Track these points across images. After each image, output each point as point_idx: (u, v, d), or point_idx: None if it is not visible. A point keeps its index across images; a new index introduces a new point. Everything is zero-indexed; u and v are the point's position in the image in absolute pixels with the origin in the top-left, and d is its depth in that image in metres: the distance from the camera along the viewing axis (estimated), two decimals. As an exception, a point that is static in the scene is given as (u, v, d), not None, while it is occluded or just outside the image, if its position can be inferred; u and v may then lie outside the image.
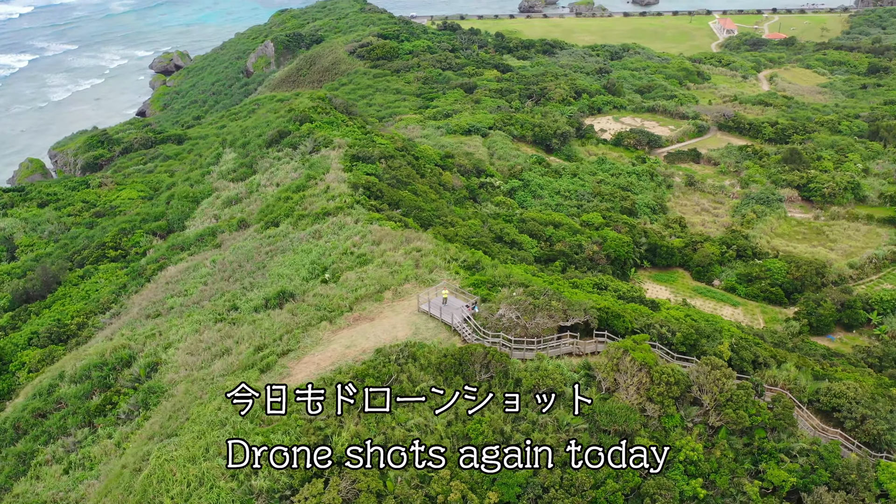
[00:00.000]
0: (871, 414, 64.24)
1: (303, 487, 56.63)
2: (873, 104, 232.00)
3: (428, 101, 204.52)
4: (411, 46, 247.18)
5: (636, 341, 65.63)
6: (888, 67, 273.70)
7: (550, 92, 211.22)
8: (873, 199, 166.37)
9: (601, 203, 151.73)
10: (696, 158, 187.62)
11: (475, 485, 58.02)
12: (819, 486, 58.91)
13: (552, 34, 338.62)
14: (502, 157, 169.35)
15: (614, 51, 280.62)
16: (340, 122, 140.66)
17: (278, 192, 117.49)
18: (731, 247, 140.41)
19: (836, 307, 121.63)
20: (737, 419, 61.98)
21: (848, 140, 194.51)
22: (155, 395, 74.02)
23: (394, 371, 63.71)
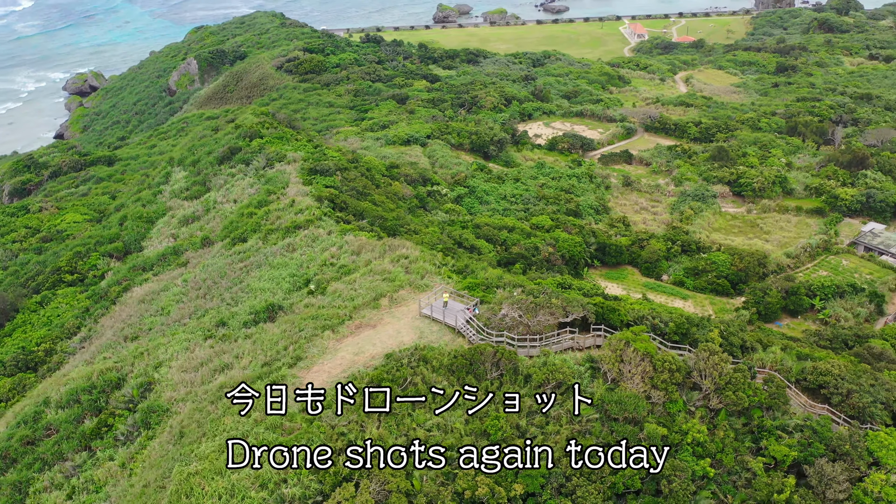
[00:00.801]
0: (855, 388, 68.59)
1: (334, 492, 57.87)
2: (787, 101, 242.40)
3: (362, 112, 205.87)
4: (338, 59, 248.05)
5: (635, 333, 68.74)
6: (795, 66, 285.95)
7: (481, 100, 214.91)
8: (800, 192, 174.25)
9: (547, 206, 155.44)
10: (628, 159, 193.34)
11: (499, 478, 59.98)
12: (819, 458, 62.73)
13: (469, 43, 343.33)
14: (444, 165, 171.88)
15: (536, 58, 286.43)
16: (290, 136, 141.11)
17: (239, 208, 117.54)
18: (675, 242, 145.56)
19: (781, 295, 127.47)
20: (736, 400, 65.53)
21: (769, 136, 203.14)
22: (156, 415, 73.95)
23: (407, 374, 65.39)
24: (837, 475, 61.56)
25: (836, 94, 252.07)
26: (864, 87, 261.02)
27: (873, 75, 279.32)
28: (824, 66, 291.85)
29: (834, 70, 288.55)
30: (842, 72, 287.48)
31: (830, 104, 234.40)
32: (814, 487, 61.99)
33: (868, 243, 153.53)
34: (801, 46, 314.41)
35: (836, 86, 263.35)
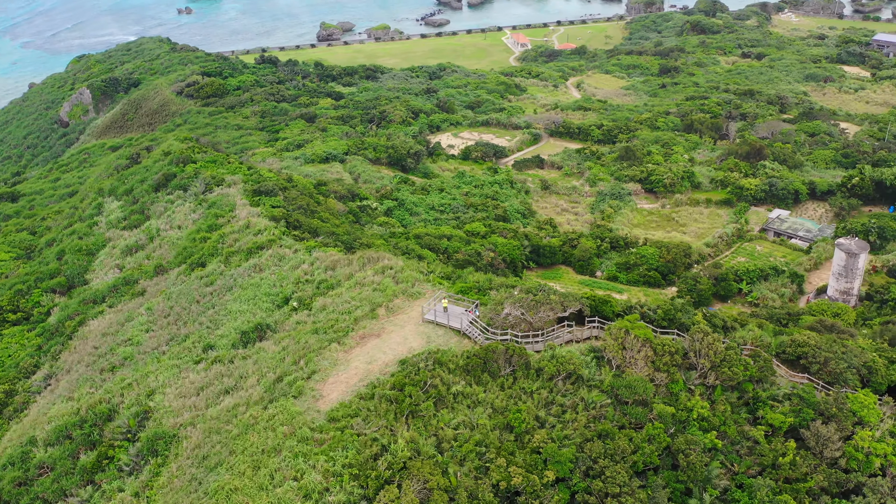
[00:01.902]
0: (832, 357, 74.55)
1: (378, 495, 59.70)
2: (677, 101, 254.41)
3: (274, 133, 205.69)
4: (237, 82, 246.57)
5: (631, 321, 72.96)
6: (677, 67, 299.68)
7: (390, 114, 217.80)
8: (706, 185, 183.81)
9: (476, 213, 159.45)
10: (540, 164, 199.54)
11: (530, 467, 63.01)
12: (812, 421, 68.16)
13: (357, 60, 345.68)
14: (367, 180, 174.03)
15: (432, 71, 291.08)
16: (222, 160, 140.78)
17: (189, 233, 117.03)
18: (604, 240, 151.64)
19: (711, 282, 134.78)
20: (732, 376, 70.44)
21: (669, 135, 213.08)
22: (163, 441, 73.82)
23: (426, 377, 67.71)
24: (832, 435, 67.09)
25: (721, 91, 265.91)
26: (743, 84, 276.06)
27: (749, 72, 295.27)
28: (703, 65, 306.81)
29: (713, 69, 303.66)
30: (720, 70, 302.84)
31: (717, 101, 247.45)
32: (811, 448, 67.32)
33: (777, 228, 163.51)
34: (678, 48, 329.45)
35: (719, 84, 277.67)
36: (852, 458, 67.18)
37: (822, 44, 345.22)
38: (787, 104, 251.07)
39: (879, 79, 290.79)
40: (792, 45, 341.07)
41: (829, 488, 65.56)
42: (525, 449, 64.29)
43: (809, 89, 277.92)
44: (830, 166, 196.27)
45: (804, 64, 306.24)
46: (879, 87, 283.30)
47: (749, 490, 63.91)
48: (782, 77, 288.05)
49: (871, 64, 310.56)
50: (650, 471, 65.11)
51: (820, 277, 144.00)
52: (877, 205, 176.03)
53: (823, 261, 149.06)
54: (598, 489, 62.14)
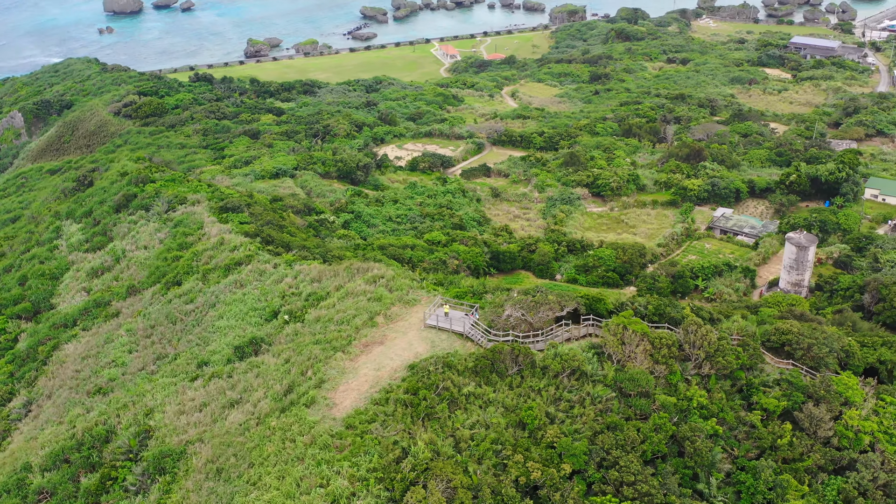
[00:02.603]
0: (814, 342, 78.52)
1: (405, 496, 61.13)
2: (611, 106, 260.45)
3: (219, 150, 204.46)
4: (175, 101, 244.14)
5: (626, 317, 75.79)
6: (607, 74, 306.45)
7: (334, 128, 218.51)
8: (651, 187, 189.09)
9: (433, 222, 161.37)
10: (486, 173, 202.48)
11: (547, 461, 65.17)
12: (804, 403, 71.84)
13: (288, 75, 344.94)
14: (320, 194, 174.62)
15: (368, 84, 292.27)
16: (180, 179, 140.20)
17: (159, 252, 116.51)
18: (561, 244, 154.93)
19: (669, 280, 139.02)
20: (725, 365, 73.82)
21: (609, 140, 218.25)
22: (170, 459, 73.90)
23: (437, 380, 69.36)
24: (823, 416, 70.85)
25: (652, 96, 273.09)
26: (673, 88, 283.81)
27: (677, 77, 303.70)
28: (632, 71, 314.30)
29: (641, 75, 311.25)
30: (648, 76, 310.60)
31: (651, 105, 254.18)
32: (805, 429, 71.02)
33: (723, 226, 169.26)
34: (606, 55, 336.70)
35: (650, 89, 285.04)
36: (843, 436, 71.06)
37: (743, 47, 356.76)
38: (717, 107, 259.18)
39: (800, 80, 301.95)
40: (714, 50, 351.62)
41: (825, 466, 69.28)
42: (539, 444, 66.44)
43: (736, 91, 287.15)
44: (766, 165, 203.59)
45: (728, 68, 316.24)
46: (801, 87, 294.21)
47: (753, 472, 67.04)
48: (709, 81, 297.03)
49: (791, 66, 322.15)
50: (658, 459, 67.86)
51: (769, 271, 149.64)
52: (813, 200, 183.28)
53: (771, 255, 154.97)
54: (613, 478, 64.61)
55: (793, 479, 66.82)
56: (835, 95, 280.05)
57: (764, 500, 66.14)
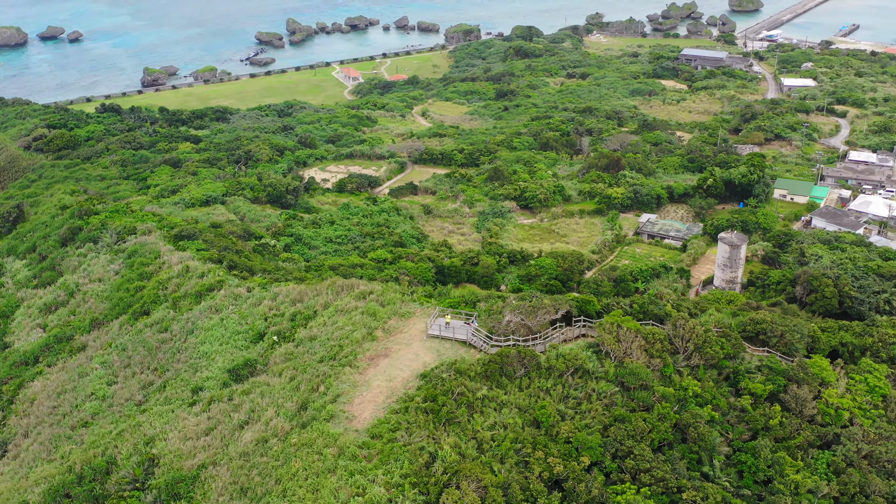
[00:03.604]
0: (787, 330, 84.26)
1: (440, 498, 63.47)
2: (523, 122, 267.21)
3: (142, 181, 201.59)
4: (87, 132, 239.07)
5: (617, 316, 79.94)
6: (513, 90, 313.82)
7: (256, 154, 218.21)
8: (576, 197, 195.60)
9: (374, 241, 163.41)
10: (413, 191, 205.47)
11: (565, 456, 68.49)
12: (788, 386, 77.24)
13: (189, 103, 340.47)
14: (254, 219, 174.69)
15: (280, 108, 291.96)
16: (124, 209, 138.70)
17: (117, 284, 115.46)
18: (502, 256, 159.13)
19: (611, 284, 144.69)
20: (712, 355, 78.71)
21: (528, 154, 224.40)
22: (183, 484, 74.10)
23: (452, 386, 71.93)
24: (807, 396, 76.36)
25: (560, 110, 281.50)
26: (578, 102, 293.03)
27: (580, 91, 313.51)
28: (535, 87, 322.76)
29: (545, 90, 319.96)
30: (552, 91, 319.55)
31: (561, 119, 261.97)
32: (792, 409, 76.37)
33: (650, 231, 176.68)
34: (508, 73, 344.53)
35: (556, 103, 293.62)
36: (826, 413, 76.78)
37: (637, 61, 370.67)
38: (624, 118, 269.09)
39: (696, 90, 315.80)
40: (611, 64, 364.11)
41: (813, 442, 74.75)
42: (556, 441, 69.71)
43: (637, 103, 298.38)
44: (679, 171, 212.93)
45: (626, 80, 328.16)
46: (697, 97, 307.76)
47: (752, 452, 71.82)
48: (611, 94, 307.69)
49: (685, 77, 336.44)
50: (665, 446, 71.98)
51: (700, 271, 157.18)
52: (728, 202, 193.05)
53: (699, 256, 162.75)
54: (630, 467, 68.44)
55: (787, 457, 71.91)
56: (730, 103, 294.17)
57: (764, 478, 70.93)
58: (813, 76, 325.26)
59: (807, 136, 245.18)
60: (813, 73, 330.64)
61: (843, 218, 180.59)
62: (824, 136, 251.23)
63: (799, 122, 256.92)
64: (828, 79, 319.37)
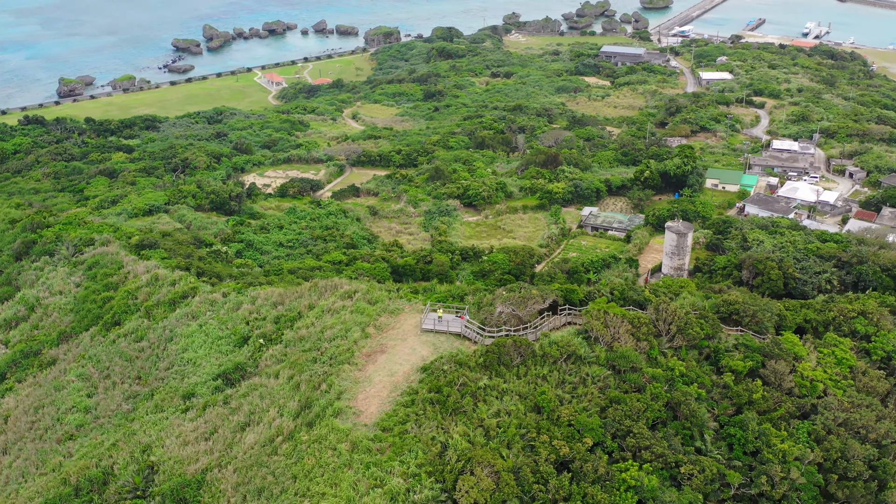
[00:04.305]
0: (759, 309, 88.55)
1: (456, 484, 65.49)
2: (455, 121, 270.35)
3: (78, 192, 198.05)
4: (13, 146, 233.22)
5: (602, 303, 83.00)
6: (441, 91, 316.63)
7: (193, 161, 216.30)
8: (517, 194, 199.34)
9: (326, 244, 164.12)
10: (356, 193, 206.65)
11: (569, 438, 71.14)
12: (767, 361, 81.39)
13: (110, 113, 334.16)
14: (201, 226, 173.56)
15: (210, 115, 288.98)
16: (77, 221, 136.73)
17: (83, 296, 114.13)
18: (454, 253, 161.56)
19: (565, 276, 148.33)
20: (694, 336, 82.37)
21: (465, 153, 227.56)
22: (189, 488, 74.45)
23: (455, 377, 73.96)
24: (784, 370, 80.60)
25: (490, 109, 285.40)
26: (506, 100, 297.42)
27: (506, 90, 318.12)
28: (462, 87, 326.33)
29: (472, 90, 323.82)
30: (479, 90, 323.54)
31: (493, 118, 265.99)
32: (771, 383, 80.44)
33: (593, 224, 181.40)
34: (434, 74, 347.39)
35: (485, 102, 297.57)
36: (802, 386, 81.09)
37: (559, 59, 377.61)
38: (553, 115, 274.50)
39: (618, 85, 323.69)
40: (533, 63, 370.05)
41: (793, 413, 78.94)
42: (558, 424, 72.27)
43: (564, 100, 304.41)
44: (614, 165, 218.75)
45: (550, 78, 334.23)
46: (620, 92, 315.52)
47: (740, 425, 75.59)
48: (538, 91, 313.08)
49: (606, 73, 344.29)
50: (659, 424, 75.23)
51: (646, 260, 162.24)
52: (664, 193, 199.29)
53: (644, 246, 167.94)
54: (630, 445, 71.48)
55: (772, 428, 75.88)
56: (653, 98, 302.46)
57: (753, 449, 74.74)
58: (729, 69, 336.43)
59: (730, 128, 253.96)
60: (728, 66, 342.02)
61: (774, 204, 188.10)
62: (746, 127, 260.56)
63: (722, 113, 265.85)
64: (743, 71, 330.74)
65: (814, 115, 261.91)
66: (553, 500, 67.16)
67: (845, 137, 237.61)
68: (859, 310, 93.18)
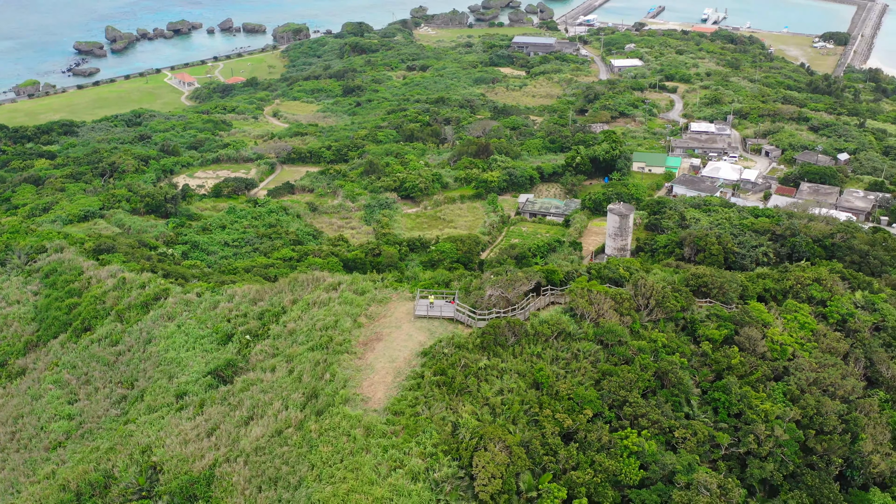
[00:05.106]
0: (724, 280, 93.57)
1: (472, 460, 68.24)
2: (380, 115, 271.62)
3: (5, 201, 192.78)
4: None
5: (584, 282, 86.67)
6: (360, 86, 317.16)
7: (121, 165, 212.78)
8: (453, 184, 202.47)
9: (273, 241, 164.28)
10: (291, 190, 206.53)
11: (569, 411, 74.57)
12: (740, 329, 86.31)
13: (16, 119, 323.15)
14: (141, 230, 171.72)
15: (128, 118, 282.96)
16: (23, 229, 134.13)
17: (45, 304, 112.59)
18: (401, 244, 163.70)
19: (513, 261, 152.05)
20: (671, 309, 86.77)
21: (396, 146, 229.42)
22: (198, 485, 75.09)
23: (456, 359, 76.53)
24: (757, 336, 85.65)
25: (412, 102, 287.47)
26: (426, 93, 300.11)
27: (425, 83, 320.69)
28: (380, 81, 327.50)
29: (390, 84, 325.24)
30: (398, 84, 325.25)
31: (417, 111, 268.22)
32: (746, 349, 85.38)
33: (531, 210, 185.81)
34: (350, 69, 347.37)
35: (406, 96, 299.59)
36: (773, 350, 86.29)
37: (472, 51, 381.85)
38: (476, 106, 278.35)
39: (534, 75, 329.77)
40: (447, 55, 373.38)
41: (768, 375, 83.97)
42: (558, 398, 75.62)
43: (484, 91, 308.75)
44: (542, 152, 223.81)
45: (467, 70, 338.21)
46: (537, 82, 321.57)
47: (724, 389, 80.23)
48: (456, 83, 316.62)
49: (520, 63, 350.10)
50: (649, 392, 79.30)
51: (588, 242, 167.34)
52: (594, 178, 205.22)
53: (584, 229, 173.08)
54: (628, 414, 75.32)
55: (751, 391, 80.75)
56: (569, 86, 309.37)
57: (736, 411, 79.44)
58: (639, 56, 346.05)
59: (648, 112, 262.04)
60: (638, 53, 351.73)
61: (700, 184, 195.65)
62: (663, 111, 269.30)
63: (638, 99, 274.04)
64: (653, 58, 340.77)
65: (725, 97, 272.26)
66: (563, 469, 70.58)
67: (757, 118, 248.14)
68: (814, 277, 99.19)
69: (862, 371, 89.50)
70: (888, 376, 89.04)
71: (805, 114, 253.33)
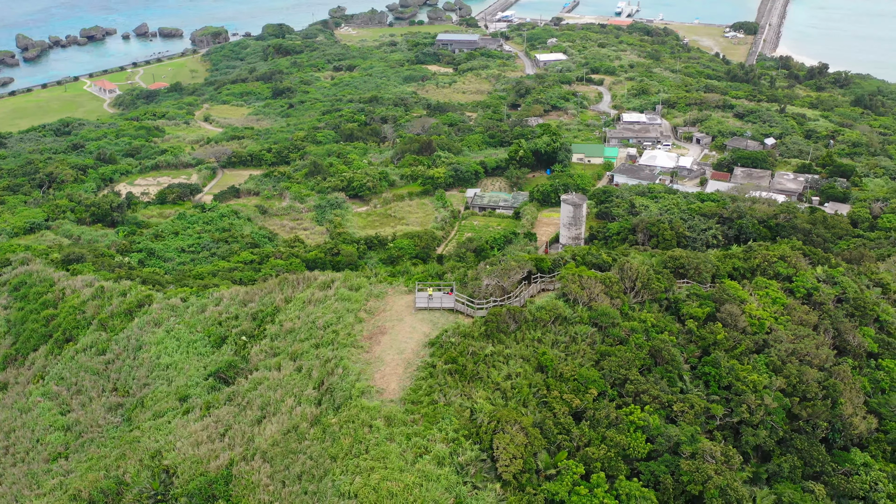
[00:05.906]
0: (699, 261, 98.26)
1: (493, 442, 71.14)
2: (315, 116, 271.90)
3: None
4: None
5: (573, 268, 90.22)
6: (290, 88, 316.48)
7: (60, 175, 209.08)
8: (399, 182, 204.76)
9: (230, 245, 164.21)
10: (237, 194, 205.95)
11: (576, 391, 78.02)
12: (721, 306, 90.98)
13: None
14: (90, 239, 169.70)
15: (56, 128, 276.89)
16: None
17: (19, 317, 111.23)
18: (359, 243, 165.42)
19: (473, 254, 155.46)
20: (656, 290, 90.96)
21: (337, 146, 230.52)
22: (218, 485, 76.14)
23: (464, 347, 79.22)
24: (737, 312, 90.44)
25: (346, 101, 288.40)
26: (358, 93, 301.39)
27: (354, 82, 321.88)
28: (309, 83, 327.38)
29: (319, 84, 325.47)
30: (328, 84, 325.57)
31: (352, 111, 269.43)
32: (728, 325, 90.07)
33: (480, 204, 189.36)
34: (276, 71, 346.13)
35: (339, 96, 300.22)
36: (752, 324, 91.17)
37: (397, 49, 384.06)
38: (409, 104, 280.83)
39: (462, 72, 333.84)
40: (373, 55, 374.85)
41: (751, 348, 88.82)
42: (564, 380, 78.95)
43: (415, 88, 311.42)
44: (483, 147, 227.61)
45: (395, 69, 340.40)
46: (465, 78, 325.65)
47: (713, 364, 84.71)
48: (386, 82, 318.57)
49: (447, 61, 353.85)
50: (645, 370, 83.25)
51: (540, 233, 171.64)
52: (537, 170, 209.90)
53: (535, 220, 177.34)
54: (629, 391, 79.07)
55: (738, 363, 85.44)
56: (497, 81, 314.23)
57: (726, 384, 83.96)
58: (562, 50, 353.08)
59: (579, 105, 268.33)
60: (561, 47, 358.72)
61: (639, 172, 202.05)
62: (593, 104, 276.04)
63: (568, 92, 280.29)
64: (576, 51, 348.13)
65: (651, 88, 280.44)
66: (577, 446, 73.94)
67: (685, 107, 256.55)
68: (778, 255, 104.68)
69: (831, 341, 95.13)
70: (854, 345, 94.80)
71: (728, 101, 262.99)
